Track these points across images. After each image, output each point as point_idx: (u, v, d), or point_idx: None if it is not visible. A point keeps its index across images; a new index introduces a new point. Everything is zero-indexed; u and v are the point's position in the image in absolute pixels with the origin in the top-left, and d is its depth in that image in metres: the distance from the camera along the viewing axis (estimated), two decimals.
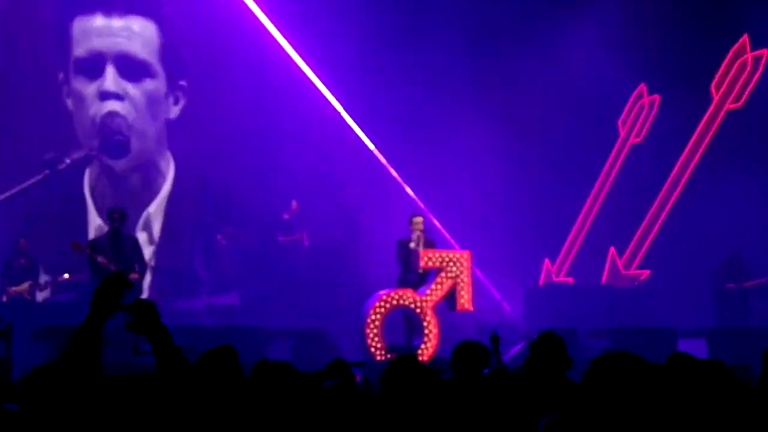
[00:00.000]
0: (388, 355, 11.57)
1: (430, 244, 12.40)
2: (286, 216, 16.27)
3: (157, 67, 16.66)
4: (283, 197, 16.39)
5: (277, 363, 3.75)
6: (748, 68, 17.38)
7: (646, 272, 17.00)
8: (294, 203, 16.31)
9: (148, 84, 16.64)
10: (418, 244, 12.23)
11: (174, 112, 16.91)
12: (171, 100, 16.86)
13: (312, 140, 16.93)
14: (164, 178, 16.75)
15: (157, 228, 16.54)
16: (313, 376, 4.88)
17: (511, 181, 17.17)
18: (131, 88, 16.49)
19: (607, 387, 2.85)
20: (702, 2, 17.56)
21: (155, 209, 16.63)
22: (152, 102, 16.64)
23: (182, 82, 16.88)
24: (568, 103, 17.23)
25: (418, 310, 11.94)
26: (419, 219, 12.51)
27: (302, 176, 16.67)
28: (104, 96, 16.29)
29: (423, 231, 12.41)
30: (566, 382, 4.98)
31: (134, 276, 11.23)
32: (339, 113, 17.48)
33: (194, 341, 8.83)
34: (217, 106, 16.70)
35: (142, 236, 16.03)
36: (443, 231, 16.84)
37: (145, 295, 11.49)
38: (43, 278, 14.63)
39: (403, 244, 12.32)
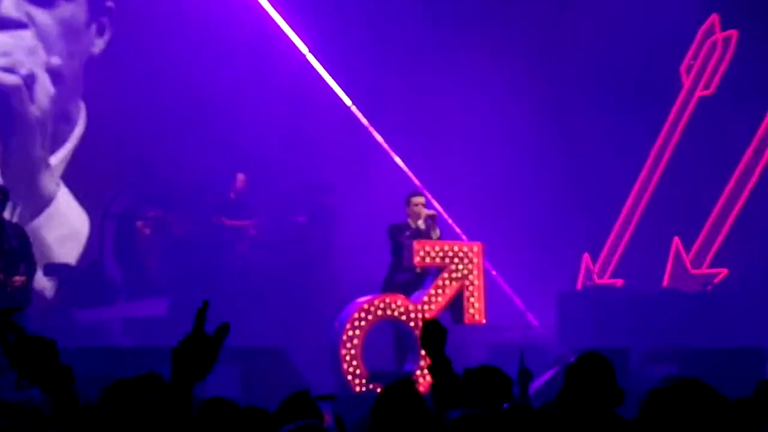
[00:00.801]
0: (371, 386, 11.55)
1: (427, 234, 12.36)
2: (231, 194, 16.24)
3: None
4: (231, 168, 16.31)
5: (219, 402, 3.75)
6: None
7: (723, 272, 17.02)
8: (240, 177, 16.24)
9: (63, 8, 16.36)
10: (425, 230, 12.19)
11: (98, 46, 16.67)
12: (94, 29, 16.67)
13: (271, 92, 16.86)
14: (72, 133, 16.66)
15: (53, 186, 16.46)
16: (268, 415, 4.86)
17: (539, 151, 17.15)
18: (39, 14, 16.18)
19: (670, 427, 2.81)
20: None
21: (58, 162, 16.51)
22: (69, 33, 16.38)
23: (109, 3, 16.63)
24: (613, 45, 17.21)
25: (411, 324, 11.92)
26: (420, 199, 12.45)
27: (256, 139, 16.61)
28: (1, 24, 16.03)
29: (430, 218, 12.34)
30: (615, 420, 4.95)
31: (20, 279, 11.16)
32: (307, 59, 17.43)
33: (105, 367, 8.74)
34: (150, 38, 16.43)
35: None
36: (447, 218, 16.83)
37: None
38: None
39: (399, 230, 12.27)
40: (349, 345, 11.77)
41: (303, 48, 17.44)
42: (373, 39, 17.17)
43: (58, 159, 16.53)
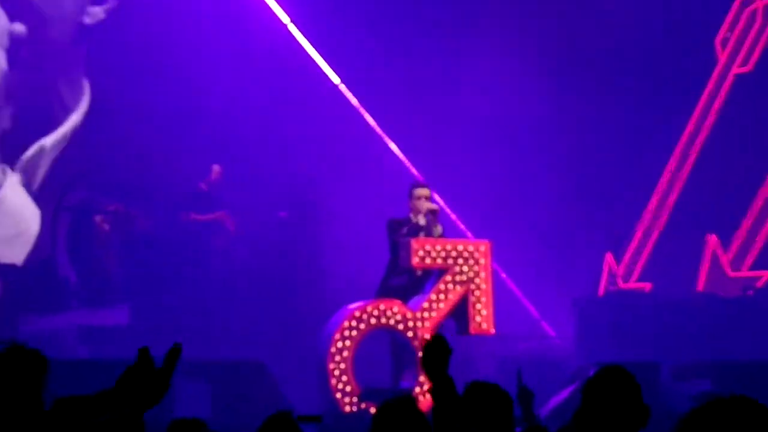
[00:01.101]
0: (363, 405, 11.54)
1: (428, 231, 12.37)
2: (203, 186, 16.22)
3: None
4: (203, 154, 16.30)
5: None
6: None
7: (766, 274, 17.02)
8: (216, 169, 16.24)
9: None
10: (426, 227, 12.19)
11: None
12: None
13: (250, 68, 16.85)
14: (68, 117, 16.70)
15: (41, 175, 16.53)
16: None
17: (555, 138, 17.14)
18: None
19: None
20: None
21: (51, 145, 16.53)
22: None
23: None
24: (638, 16, 17.19)
25: (409, 334, 11.92)
26: (423, 191, 12.43)
27: (233, 123, 16.59)
28: None
29: (432, 213, 12.33)
30: None
31: None
32: (289, 31, 17.42)
33: (58, 382, 8.71)
34: (117, 15, 16.54)
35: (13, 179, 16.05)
36: (450, 213, 16.83)
37: None
38: None
39: (398, 226, 12.27)
40: (338, 358, 11.75)
41: (285, 19, 17.42)
42: (366, 10, 17.15)
43: (50, 143, 16.53)
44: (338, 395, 11.67)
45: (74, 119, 16.63)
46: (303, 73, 17.37)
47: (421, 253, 12.00)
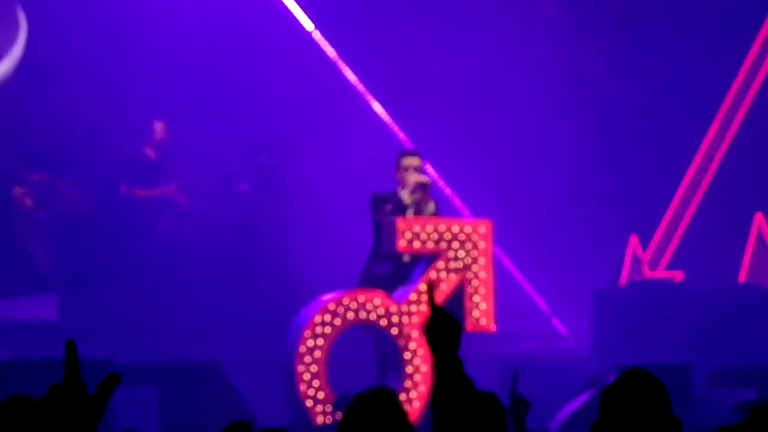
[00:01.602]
0: (337, 415, 11.56)
1: (417, 209, 12.38)
2: (149, 152, 16.19)
3: None
4: (147, 113, 16.26)
5: None
6: None
7: None
8: (158, 127, 16.19)
9: None
10: (414, 205, 12.21)
11: None
12: None
13: (207, 15, 16.84)
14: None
15: None
16: None
17: (569, 101, 17.18)
18: None
19: None
20: None
21: None
22: None
23: None
24: None
25: (394, 331, 11.94)
26: (412, 161, 12.44)
27: (183, 74, 16.56)
28: None
29: (422, 186, 12.33)
30: None
31: None
32: None
33: None
34: None
35: None
36: (445, 187, 16.85)
37: None
38: None
39: (382, 202, 12.27)
40: (308, 359, 11.78)
41: None
42: None
43: None
44: (309, 403, 11.72)
45: (9, 63, 16.67)
46: (270, 17, 17.33)
47: (408, 234, 12.02)
